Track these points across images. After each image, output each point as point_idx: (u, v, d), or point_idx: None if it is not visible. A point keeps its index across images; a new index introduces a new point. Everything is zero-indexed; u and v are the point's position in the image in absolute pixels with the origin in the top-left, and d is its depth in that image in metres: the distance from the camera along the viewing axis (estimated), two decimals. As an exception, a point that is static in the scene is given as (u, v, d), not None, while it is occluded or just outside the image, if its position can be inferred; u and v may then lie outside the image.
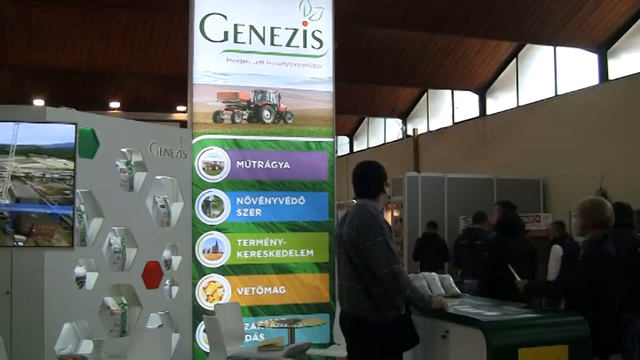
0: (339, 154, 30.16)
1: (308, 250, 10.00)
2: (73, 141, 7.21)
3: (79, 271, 7.90)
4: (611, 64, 17.38)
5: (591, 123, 16.43)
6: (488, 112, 22.16)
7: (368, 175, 6.01)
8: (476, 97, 22.70)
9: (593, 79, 17.63)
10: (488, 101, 22.38)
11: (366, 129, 30.98)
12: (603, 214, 6.08)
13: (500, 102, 21.75)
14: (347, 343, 5.85)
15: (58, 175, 7.07)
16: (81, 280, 7.91)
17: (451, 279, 7.05)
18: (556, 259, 9.55)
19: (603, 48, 17.50)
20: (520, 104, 20.49)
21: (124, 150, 8.72)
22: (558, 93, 18.79)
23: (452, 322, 5.49)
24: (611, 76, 17.27)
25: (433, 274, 7.03)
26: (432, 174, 16.95)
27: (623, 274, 6.46)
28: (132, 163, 8.77)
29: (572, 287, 5.78)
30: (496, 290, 7.39)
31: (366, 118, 30.57)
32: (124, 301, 8.46)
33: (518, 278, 6.59)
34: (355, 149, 31.86)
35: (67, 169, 7.12)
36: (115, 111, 23.84)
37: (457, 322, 5.43)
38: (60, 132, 7.18)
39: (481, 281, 8.48)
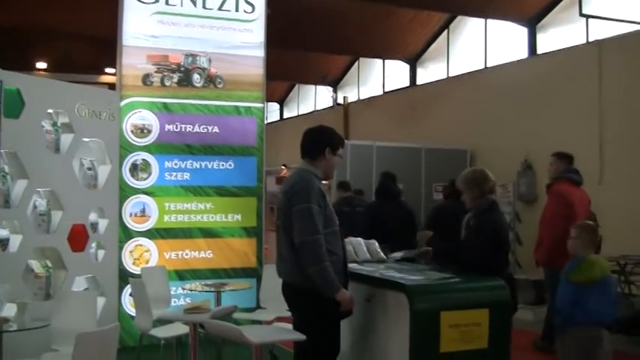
0: (269, 120, 30.09)
1: (236, 215, 10.05)
2: (-2, 100, 7.09)
3: (3, 233, 7.79)
4: (540, 38, 17.58)
5: (519, 96, 16.60)
6: (419, 82, 22.28)
7: (313, 135, 5.90)
8: (406, 66, 22.80)
9: (523, 53, 17.83)
10: (419, 71, 22.50)
11: (296, 96, 30.94)
12: (490, 181, 6.20)
13: (430, 72, 21.88)
14: (290, 312, 5.82)
15: (-19, 135, 6.95)
16: (4, 243, 7.79)
17: (377, 244, 7.13)
18: None
19: (533, 22, 17.68)
20: (450, 75, 20.64)
21: (50, 111, 8.59)
22: (488, 65, 18.96)
23: (376, 286, 5.56)
24: (540, 50, 17.48)
25: (359, 239, 7.11)
26: (361, 142, 16.99)
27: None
28: (58, 124, 8.66)
29: (469, 260, 5.87)
30: None
31: (297, 85, 30.52)
32: (49, 264, 8.37)
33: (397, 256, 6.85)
34: (285, 116, 31.79)
35: (-8, 129, 7.00)
36: (42, 72, 23.40)
37: (381, 286, 5.51)
38: (-16, 90, 7.05)
39: None
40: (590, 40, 15.36)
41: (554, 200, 8.17)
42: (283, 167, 20.85)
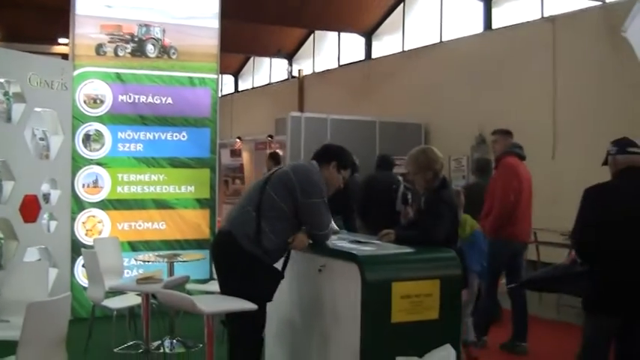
0: (224, 92, 29.94)
1: (189, 186, 10.04)
2: (-53, 68, 7.00)
3: (-46, 203, 7.73)
4: (495, 13, 17.66)
5: (474, 70, 16.70)
6: (374, 55, 22.31)
7: (328, 146, 6.18)
8: (362, 40, 22.80)
9: (478, 28, 17.90)
10: (374, 45, 22.51)
11: (251, 68, 30.82)
12: (440, 159, 6.21)
13: (385, 46, 21.90)
14: (215, 263, 5.92)
15: None
16: (-45, 213, 7.74)
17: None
18: None
19: (488, -4, 17.78)
20: (405, 49, 20.68)
21: (1, 80, 8.51)
22: (443, 40, 19.02)
23: (328, 256, 5.59)
24: (495, 25, 17.56)
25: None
26: (315, 114, 17.00)
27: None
28: (10, 93, 8.58)
29: (436, 239, 5.91)
30: None
31: (252, 58, 30.38)
32: (0, 235, 8.32)
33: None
34: (240, 88, 31.67)
35: (-59, 97, 6.91)
36: (-7, 41, 23.03)
37: (333, 256, 5.53)
38: None
39: None
40: (545, 15, 15.49)
41: (505, 174, 8.35)
42: (238, 140, 20.78)
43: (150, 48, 9.94)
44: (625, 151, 5.42)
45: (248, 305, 5.22)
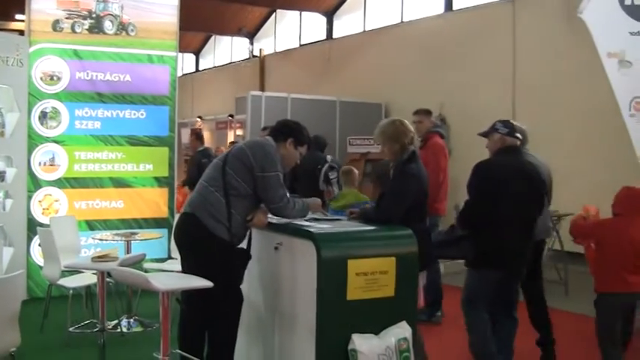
0: (185, 71, 29.76)
1: (147, 165, 9.99)
2: None
3: None
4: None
5: (434, 51, 16.74)
6: (335, 35, 22.28)
7: (284, 123, 6.16)
8: (323, 19, 22.76)
9: (439, 8, 17.92)
10: (336, 24, 22.48)
11: (212, 47, 30.65)
12: (410, 132, 6.19)
13: (347, 26, 21.88)
14: (179, 247, 5.89)
15: None
16: None
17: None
18: None
19: (449, -23, 17.79)
20: (366, 29, 20.67)
21: (-46, 56, 8.39)
22: (404, 20, 19.03)
23: (284, 233, 5.59)
24: (455, 6, 17.57)
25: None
26: (276, 94, 16.98)
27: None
28: (-37, 69, 8.46)
29: (394, 215, 5.90)
30: None
31: (213, 36, 30.21)
32: (-46, 214, 8.23)
33: None
34: (201, 67, 31.49)
35: None
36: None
37: (289, 233, 5.53)
38: None
39: None
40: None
41: (435, 152, 8.67)
42: (198, 119, 20.70)
43: (108, 24, 9.84)
44: (513, 135, 6.23)
45: (203, 283, 5.20)
